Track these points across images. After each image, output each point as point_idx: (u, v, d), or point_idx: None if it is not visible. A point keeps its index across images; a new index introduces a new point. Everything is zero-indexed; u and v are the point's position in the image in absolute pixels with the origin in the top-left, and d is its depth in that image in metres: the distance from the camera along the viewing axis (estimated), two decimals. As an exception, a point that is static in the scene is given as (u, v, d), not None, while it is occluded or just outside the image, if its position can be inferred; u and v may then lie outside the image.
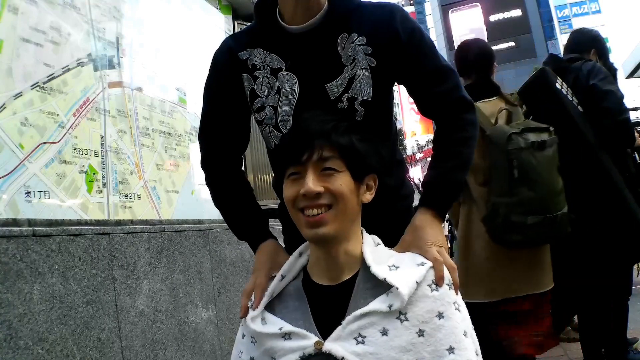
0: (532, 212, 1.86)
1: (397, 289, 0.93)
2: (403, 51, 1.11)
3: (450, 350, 0.92)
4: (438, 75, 1.14)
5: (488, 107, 2.04)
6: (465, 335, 0.95)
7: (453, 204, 1.69)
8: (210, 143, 1.26)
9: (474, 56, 2.16)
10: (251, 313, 1.05)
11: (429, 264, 0.99)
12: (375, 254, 1.02)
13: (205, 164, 1.28)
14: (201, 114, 1.26)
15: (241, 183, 1.27)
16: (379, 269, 0.97)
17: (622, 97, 2.14)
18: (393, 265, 1.00)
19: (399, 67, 1.13)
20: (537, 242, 1.95)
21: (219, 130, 1.23)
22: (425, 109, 1.20)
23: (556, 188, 1.91)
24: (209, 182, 1.28)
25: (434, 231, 1.07)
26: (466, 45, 2.27)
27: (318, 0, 1.10)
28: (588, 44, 2.40)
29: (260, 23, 1.16)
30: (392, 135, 1.26)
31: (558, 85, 2.13)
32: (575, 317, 3.08)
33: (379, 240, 1.08)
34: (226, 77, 1.18)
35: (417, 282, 0.95)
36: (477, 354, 0.97)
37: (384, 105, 1.16)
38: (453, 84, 1.15)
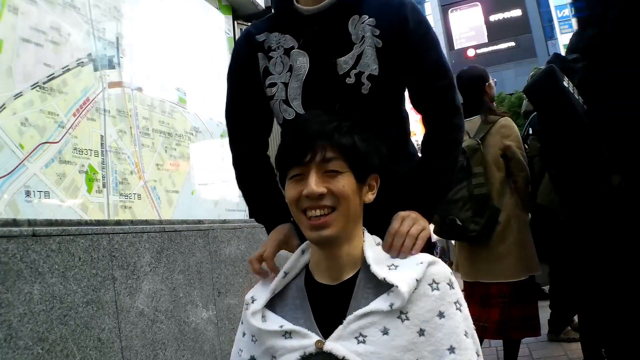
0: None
1: (397, 287, 0.92)
2: (408, 38, 1.14)
3: (451, 350, 0.92)
4: (436, 70, 1.17)
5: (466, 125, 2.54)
6: (466, 335, 0.95)
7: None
8: (235, 121, 1.31)
9: (466, 80, 2.68)
10: (252, 307, 1.04)
11: (427, 262, 0.99)
12: (376, 253, 1.02)
13: (232, 142, 1.33)
14: (226, 95, 1.32)
15: (265, 166, 1.31)
16: (379, 269, 0.97)
17: None
18: (392, 265, 1.00)
19: (402, 54, 1.15)
20: (448, 237, 2.69)
21: (241, 108, 1.29)
22: (416, 101, 1.23)
23: (449, 198, 2.37)
24: (235, 162, 1.33)
25: (413, 214, 1.10)
26: (461, 72, 2.77)
27: None
28: None
29: (277, 8, 1.24)
30: (404, 122, 1.28)
31: (565, 84, 2.13)
32: (575, 317, 3.08)
33: (379, 240, 1.08)
34: (244, 56, 1.25)
35: (417, 280, 0.95)
36: (477, 354, 0.97)
37: (390, 83, 1.18)
38: (448, 83, 1.18)
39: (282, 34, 1.20)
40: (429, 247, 1.21)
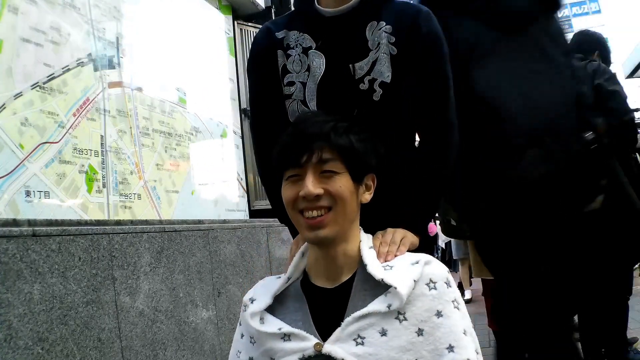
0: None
1: (396, 288, 0.92)
2: (417, 45, 1.15)
3: (450, 348, 0.92)
4: (436, 78, 1.17)
5: None
6: (464, 333, 0.95)
7: None
8: (255, 117, 1.33)
9: None
10: (250, 308, 1.04)
11: (423, 261, 0.99)
12: (372, 254, 1.03)
13: (253, 138, 1.36)
14: (248, 91, 1.37)
15: None
16: (376, 269, 0.97)
17: (626, 97, 2.15)
18: (387, 265, 1.00)
19: (412, 59, 1.16)
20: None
21: (262, 104, 1.30)
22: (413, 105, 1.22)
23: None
24: (257, 159, 1.34)
25: (391, 230, 1.11)
26: None
27: None
28: (592, 46, 2.41)
29: (298, 7, 1.26)
30: (411, 126, 1.27)
31: None
32: (575, 317, 3.08)
33: None
34: (263, 51, 1.26)
35: (414, 281, 0.95)
36: (477, 352, 0.96)
37: (402, 92, 1.18)
38: (446, 95, 1.18)
39: (301, 32, 1.21)
40: (429, 248, 1.21)
